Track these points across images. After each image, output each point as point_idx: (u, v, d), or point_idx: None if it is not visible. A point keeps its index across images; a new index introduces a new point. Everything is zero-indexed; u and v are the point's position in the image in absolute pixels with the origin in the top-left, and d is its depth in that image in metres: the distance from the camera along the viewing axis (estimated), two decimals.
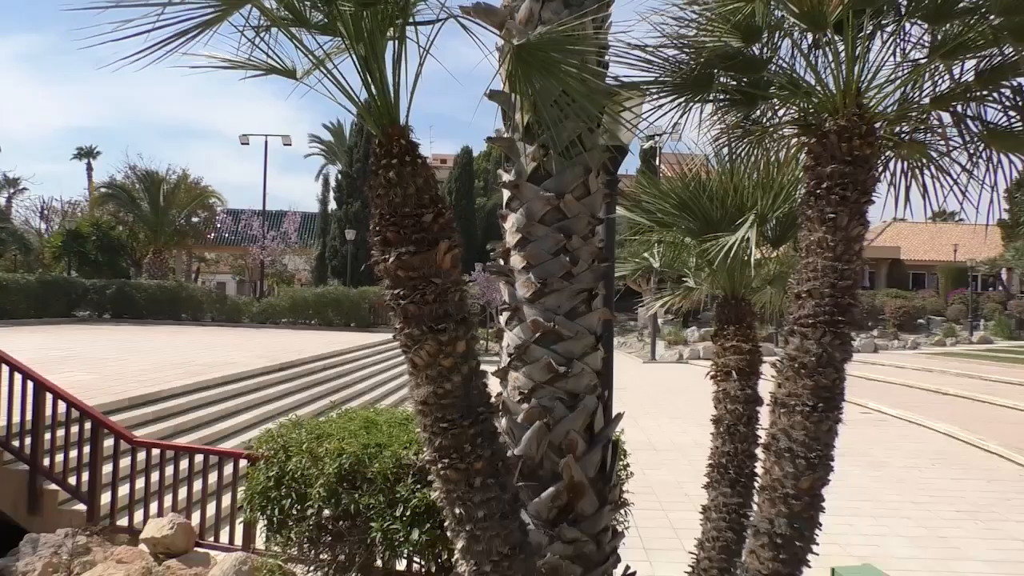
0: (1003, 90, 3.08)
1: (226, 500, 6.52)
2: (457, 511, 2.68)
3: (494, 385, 3.28)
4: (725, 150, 3.87)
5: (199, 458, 6.36)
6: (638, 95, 3.49)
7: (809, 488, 2.97)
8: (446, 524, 2.81)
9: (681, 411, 15.40)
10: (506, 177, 3.33)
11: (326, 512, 4.71)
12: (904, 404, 16.73)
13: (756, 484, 3.64)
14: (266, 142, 36.39)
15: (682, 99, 3.33)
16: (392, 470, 4.59)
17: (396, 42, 2.53)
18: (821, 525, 3.08)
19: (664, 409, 16.17)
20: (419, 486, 4.44)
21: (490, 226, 39.25)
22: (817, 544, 3.09)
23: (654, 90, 3.35)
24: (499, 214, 3.43)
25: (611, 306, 4.44)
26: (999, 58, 2.92)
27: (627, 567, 3.61)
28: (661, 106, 3.38)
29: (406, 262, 2.46)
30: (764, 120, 3.57)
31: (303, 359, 14.59)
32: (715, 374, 4.29)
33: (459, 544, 2.74)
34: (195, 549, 6.02)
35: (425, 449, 2.70)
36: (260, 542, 5.64)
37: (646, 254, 4.94)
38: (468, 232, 39.95)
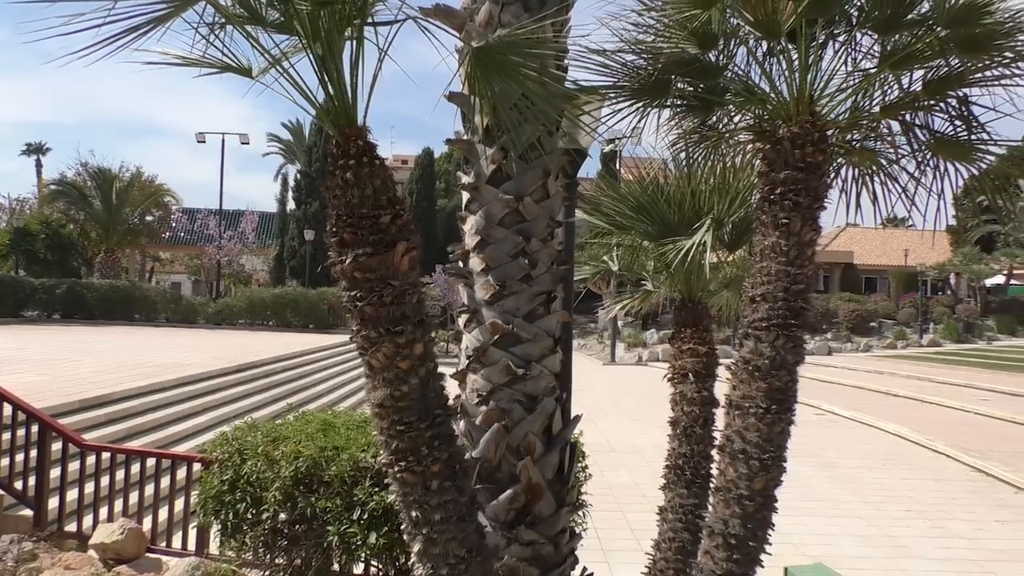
0: (949, 100, 3.16)
1: (179, 505, 6.40)
2: (414, 514, 2.66)
3: (453, 388, 3.28)
4: (683, 155, 3.91)
5: (151, 462, 6.24)
6: (597, 99, 3.51)
7: (762, 489, 3.02)
8: (403, 527, 2.80)
9: (640, 413, 15.53)
10: (465, 179, 3.32)
11: (282, 516, 4.66)
12: (856, 405, 17.09)
13: (711, 485, 3.69)
14: (223, 140, 35.83)
15: (640, 104, 3.36)
16: (349, 473, 4.55)
17: (354, 42, 2.52)
18: (774, 525, 3.13)
19: (623, 411, 16.29)
20: (377, 489, 4.41)
21: (451, 228, 39.13)
22: (770, 544, 3.13)
23: (612, 94, 3.38)
24: (458, 216, 3.43)
25: (570, 309, 4.46)
26: (945, 69, 3.00)
27: (584, 568, 3.63)
28: (619, 110, 3.40)
29: (363, 263, 2.44)
30: (720, 126, 3.62)
31: (260, 360, 14.39)
32: (672, 376, 4.33)
33: (416, 547, 2.73)
34: (146, 555, 5.90)
35: (382, 452, 2.68)
36: (214, 547, 5.55)
37: (605, 257, 4.98)
38: (429, 234, 39.81)
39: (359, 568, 4.92)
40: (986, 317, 36.43)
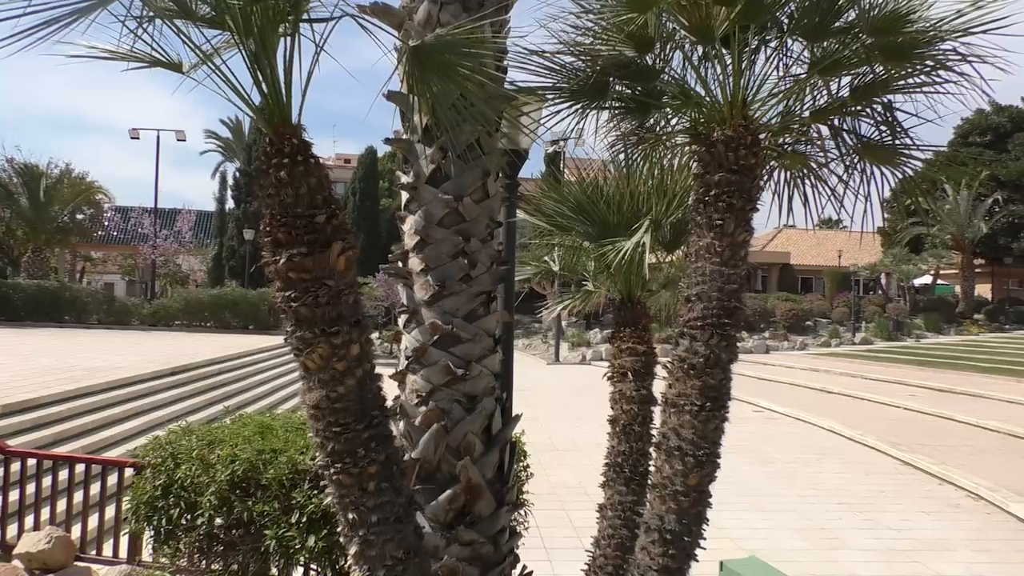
0: (875, 106, 3.27)
1: (110, 512, 6.21)
2: (350, 516, 2.64)
3: (393, 389, 3.26)
4: (621, 156, 3.96)
5: (80, 468, 6.03)
6: (537, 100, 3.53)
7: (697, 485, 3.07)
8: (339, 529, 2.77)
9: (584, 412, 15.66)
10: (404, 179, 3.30)
11: (218, 521, 4.56)
12: (793, 402, 17.56)
13: (649, 482, 3.74)
14: (158, 137, 34.92)
15: (579, 106, 3.39)
16: (288, 476, 4.48)
17: (289, 39, 2.48)
18: (709, 520, 3.19)
19: (567, 410, 16.41)
20: (316, 492, 4.35)
21: (395, 227, 38.58)
22: (705, 539, 3.20)
23: (552, 96, 3.40)
24: (397, 216, 3.41)
25: (511, 309, 4.48)
26: (871, 76, 3.10)
27: (524, 567, 3.64)
28: (559, 112, 3.43)
29: (298, 263, 2.40)
30: (658, 128, 3.67)
31: (196, 363, 14.05)
32: (612, 375, 4.38)
33: (352, 549, 2.70)
34: (75, 563, 5.71)
35: (318, 454, 2.65)
36: (147, 554, 5.40)
37: (546, 258, 5.01)
38: (373, 233, 39.47)
39: (298, 572, 4.85)
40: (915, 316, 37.79)
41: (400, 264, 3.34)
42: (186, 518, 4.66)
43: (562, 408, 16.78)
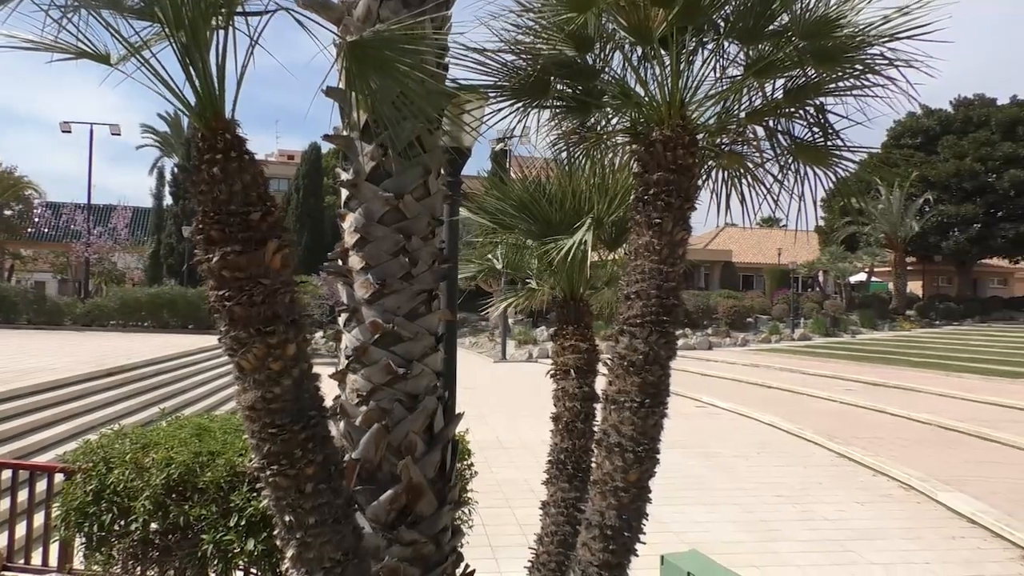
0: (808, 108, 3.35)
1: (39, 519, 5.99)
2: (287, 518, 2.59)
3: (333, 389, 3.22)
4: (563, 155, 3.98)
5: (7, 474, 5.81)
6: (479, 98, 3.52)
7: (637, 480, 3.11)
8: (276, 532, 2.72)
9: (530, 409, 15.71)
10: (344, 176, 3.26)
11: (153, 526, 4.45)
12: (735, 398, 17.92)
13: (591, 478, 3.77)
14: (91, 131, 33.76)
15: (520, 104, 3.39)
16: (226, 479, 4.40)
17: (223, 32, 2.42)
18: (648, 515, 3.23)
19: (513, 407, 16.44)
20: (255, 494, 4.27)
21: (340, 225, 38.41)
22: (644, 533, 3.24)
23: (493, 94, 3.39)
24: (337, 213, 3.36)
25: (453, 307, 4.46)
26: (803, 79, 3.18)
27: (467, 565, 3.63)
28: (501, 110, 3.43)
29: (232, 262, 2.35)
30: (599, 127, 3.70)
31: (133, 364, 13.66)
32: (555, 372, 4.41)
33: (289, 552, 2.65)
34: (2, 573, 5.50)
35: (253, 456, 2.60)
36: (78, 562, 5.23)
37: (490, 255, 5.01)
38: (317, 231, 38.92)
39: None
40: (851, 312, 38.98)
41: (340, 262, 3.30)
42: (119, 524, 4.53)
43: (508, 405, 16.81)
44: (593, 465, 3.42)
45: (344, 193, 3.29)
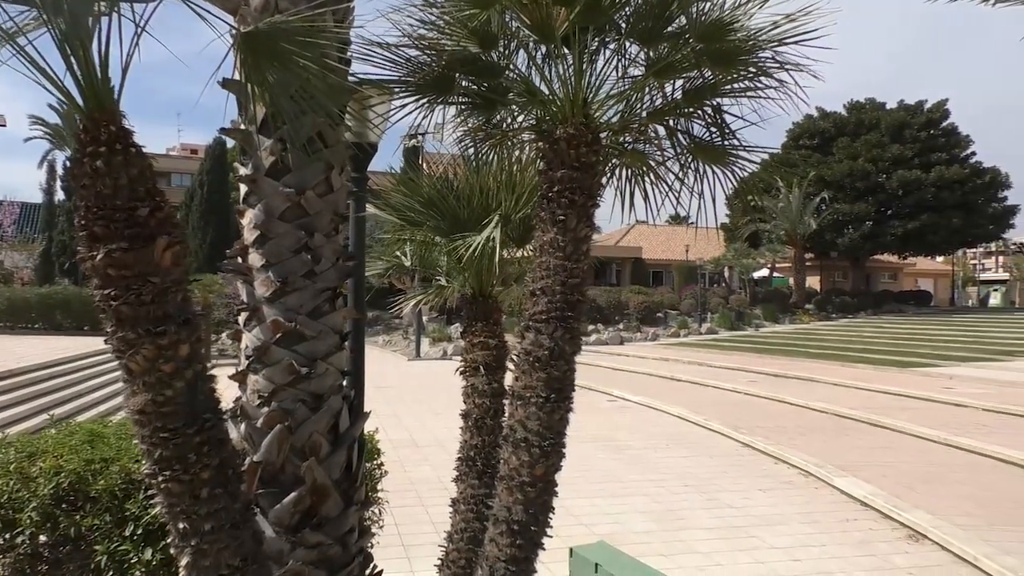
0: (706, 108, 3.46)
1: None
2: (181, 526, 2.50)
3: (233, 390, 3.13)
4: (471, 151, 3.98)
5: None
6: (383, 93, 3.48)
7: (543, 475, 3.15)
8: (170, 540, 2.62)
9: (444, 406, 15.66)
10: (243, 171, 3.16)
11: (41, 538, 4.22)
12: (645, 391, 18.34)
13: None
14: None
15: (425, 100, 3.37)
16: (120, 486, 4.21)
17: (108, 18, 2.30)
18: (555, 509, 3.27)
19: (427, 405, 16.36)
20: (151, 501, 4.10)
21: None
22: (551, 527, 3.28)
23: (398, 89, 3.36)
24: (236, 209, 3.26)
25: (361, 305, 4.40)
26: (701, 80, 3.28)
27: (375, 566, 3.59)
28: (405, 106, 3.40)
29: (118, 259, 2.24)
30: (505, 125, 3.72)
31: (22, 368, 12.92)
32: (464, 369, 4.41)
33: (183, 560, 2.56)
34: None
35: (144, 461, 2.49)
36: None
37: (398, 253, 4.96)
38: (223, 228, 37.71)
39: None
40: (754, 306, 40.52)
41: (239, 260, 3.20)
42: (4, 537, 4.27)
43: (422, 404, 16.72)
44: (500, 461, 3.45)
45: (243, 188, 3.20)
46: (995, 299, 59.10)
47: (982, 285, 70.40)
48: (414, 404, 16.64)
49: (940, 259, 57.59)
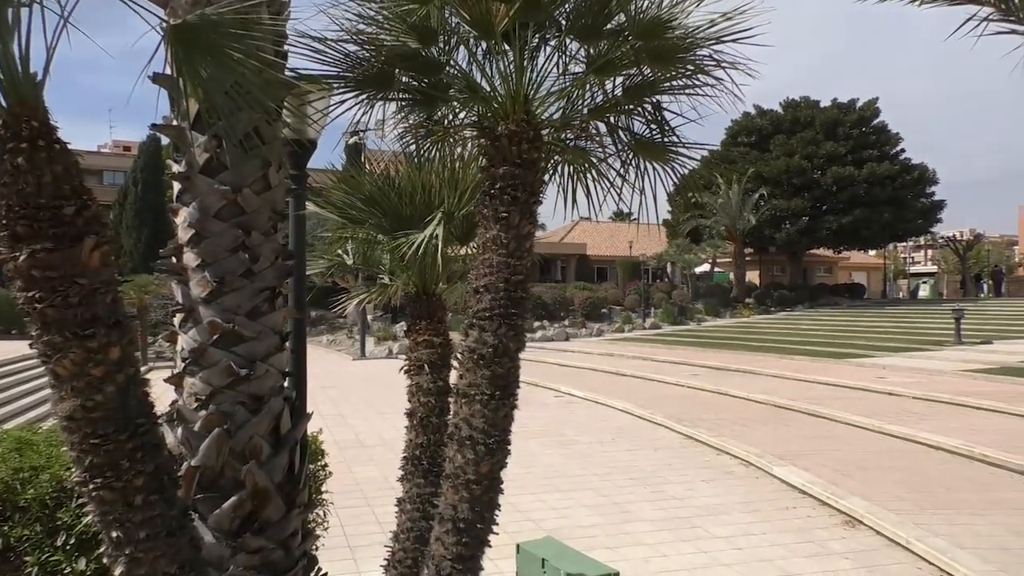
0: (646, 105, 3.50)
1: None
2: (115, 534, 2.42)
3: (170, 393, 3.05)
4: (412, 148, 3.95)
5: None
6: (321, 89, 3.42)
7: (488, 472, 3.14)
8: (104, 549, 2.53)
9: (390, 406, 15.49)
10: (176, 168, 3.07)
11: None
12: (591, 387, 18.50)
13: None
14: None
15: (365, 96, 3.33)
16: (51, 495, 4.06)
17: (29, 9, 2.21)
18: (500, 506, 3.27)
19: (373, 405, 16.21)
20: (84, 510, 3.96)
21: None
22: (497, 524, 3.28)
23: (337, 85, 3.31)
24: (170, 208, 3.17)
25: (302, 304, 4.33)
26: (640, 77, 3.31)
27: (319, 568, 3.54)
28: (344, 102, 3.35)
29: (42, 260, 2.15)
30: (446, 121, 3.70)
31: None
32: (408, 368, 4.38)
33: (117, 570, 2.48)
34: None
35: (74, 469, 2.40)
36: None
37: (340, 251, 4.90)
38: (158, 227, 36.70)
39: None
40: (696, 301, 41.25)
41: (174, 259, 3.11)
42: None
43: (368, 403, 16.56)
44: (446, 459, 3.43)
45: (176, 186, 3.11)
46: (924, 291, 61.27)
47: (912, 278, 72.92)
48: (360, 404, 16.47)
49: (872, 253, 59.48)
